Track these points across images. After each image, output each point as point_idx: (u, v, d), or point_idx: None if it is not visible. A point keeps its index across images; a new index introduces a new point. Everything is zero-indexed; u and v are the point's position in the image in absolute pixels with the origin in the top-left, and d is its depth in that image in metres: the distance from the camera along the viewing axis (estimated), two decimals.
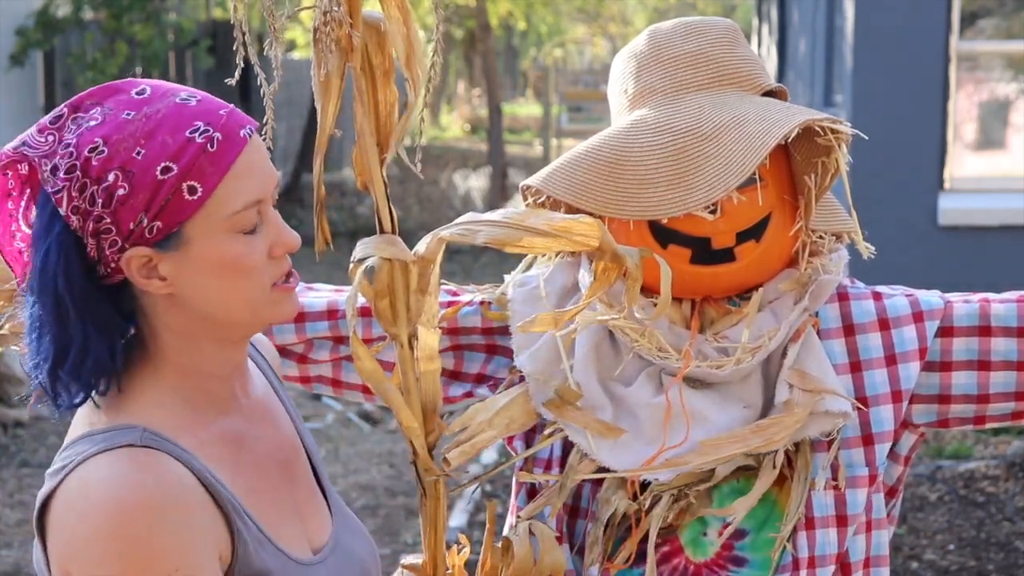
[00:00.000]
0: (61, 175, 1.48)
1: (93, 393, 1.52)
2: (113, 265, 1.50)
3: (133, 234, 1.48)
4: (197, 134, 1.48)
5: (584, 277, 1.86)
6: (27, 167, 1.54)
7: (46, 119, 1.54)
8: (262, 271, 1.54)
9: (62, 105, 1.55)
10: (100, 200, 1.46)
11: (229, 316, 1.55)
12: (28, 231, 1.56)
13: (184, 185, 1.47)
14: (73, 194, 1.47)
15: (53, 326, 1.49)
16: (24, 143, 1.52)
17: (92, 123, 1.49)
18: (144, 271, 1.50)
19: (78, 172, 1.47)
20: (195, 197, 1.47)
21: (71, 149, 1.48)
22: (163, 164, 1.46)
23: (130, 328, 1.54)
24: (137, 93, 1.51)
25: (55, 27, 11.36)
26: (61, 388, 1.51)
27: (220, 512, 1.49)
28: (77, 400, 1.52)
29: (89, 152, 1.47)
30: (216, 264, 1.51)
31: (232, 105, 1.55)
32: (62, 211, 1.48)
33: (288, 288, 1.58)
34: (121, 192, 1.46)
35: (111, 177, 1.46)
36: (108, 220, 1.47)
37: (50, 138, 1.51)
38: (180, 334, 1.55)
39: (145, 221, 1.47)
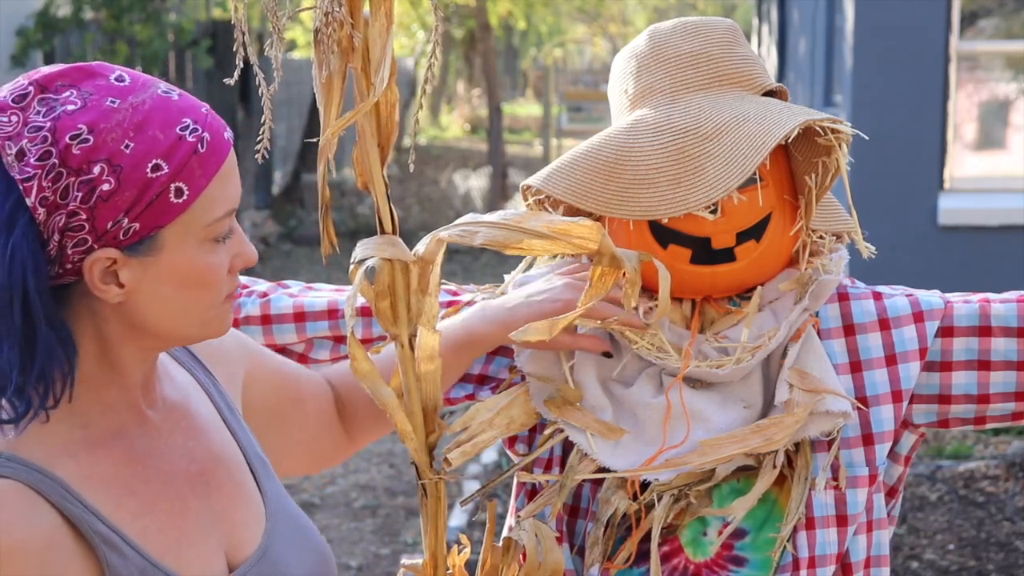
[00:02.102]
0: (32, 161, 1.34)
1: (41, 408, 1.39)
2: (70, 266, 1.38)
3: (107, 234, 1.37)
4: (187, 132, 1.40)
5: None
6: None
7: (6, 96, 1.38)
8: (222, 284, 1.46)
9: (24, 82, 1.39)
10: (79, 194, 1.35)
11: (176, 330, 1.46)
12: None
13: (172, 186, 1.38)
14: (44, 184, 1.34)
15: (17, 332, 1.35)
16: None
17: (70, 107, 1.36)
18: (104, 276, 1.39)
19: (54, 160, 1.34)
20: (180, 200, 1.39)
21: (44, 133, 1.35)
22: (154, 161, 1.37)
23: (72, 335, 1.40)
24: (116, 79, 1.39)
25: (55, 27, 11.34)
26: (15, 400, 1.38)
27: (86, 547, 1.39)
28: (20, 412, 1.38)
29: (71, 139, 1.34)
30: (185, 273, 1.42)
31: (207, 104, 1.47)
32: (29, 202, 1.34)
33: (231, 299, 1.50)
34: (106, 188, 1.35)
35: (96, 170, 1.35)
36: (83, 216, 1.35)
37: (14, 118, 1.36)
38: (105, 344, 1.44)
39: (125, 222, 1.37)
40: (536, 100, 33.75)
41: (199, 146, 1.40)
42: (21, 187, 1.35)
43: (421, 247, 1.67)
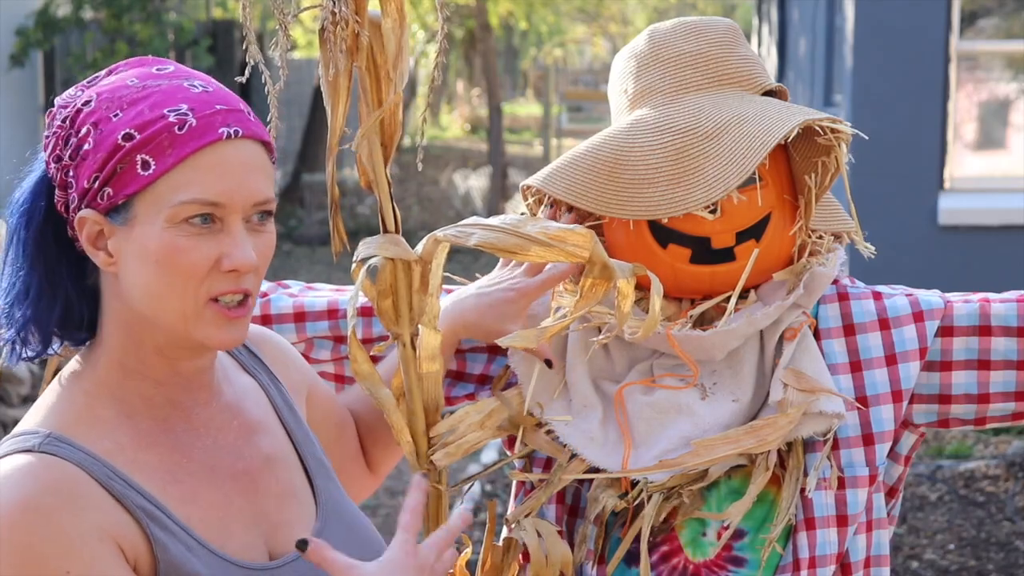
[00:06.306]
0: (56, 122, 1.51)
1: (46, 349, 1.54)
2: (74, 226, 1.51)
3: (88, 194, 1.48)
4: (173, 113, 1.47)
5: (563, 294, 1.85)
6: None
7: (87, 79, 1.57)
8: (201, 278, 1.48)
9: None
10: (70, 151, 1.49)
11: (158, 316, 1.50)
12: None
13: (139, 157, 1.46)
14: (59, 142, 1.50)
15: (18, 272, 1.52)
16: (62, 95, 1.56)
17: (105, 83, 1.52)
18: (93, 239, 1.49)
19: (67, 121, 1.50)
20: (147, 173, 1.46)
21: (74, 102, 1.51)
22: (126, 131, 1.46)
23: (84, 301, 1.54)
24: (158, 68, 1.53)
25: (55, 27, 11.34)
26: (24, 332, 1.53)
27: (131, 518, 1.45)
28: (30, 351, 1.54)
29: (83, 104, 1.50)
30: (152, 251, 1.47)
31: (249, 111, 1.52)
32: (44, 156, 1.52)
33: (229, 315, 1.50)
34: (86, 147, 1.47)
35: (83, 131, 1.48)
36: (71, 173, 1.49)
37: (77, 93, 1.53)
38: (121, 326, 1.53)
39: (96, 183, 1.47)
40: (536, 100, 33.74)
41: (177, 127, 1.47)
42: (43, 143, 1.53)
43: (423, 247, 1.68)
